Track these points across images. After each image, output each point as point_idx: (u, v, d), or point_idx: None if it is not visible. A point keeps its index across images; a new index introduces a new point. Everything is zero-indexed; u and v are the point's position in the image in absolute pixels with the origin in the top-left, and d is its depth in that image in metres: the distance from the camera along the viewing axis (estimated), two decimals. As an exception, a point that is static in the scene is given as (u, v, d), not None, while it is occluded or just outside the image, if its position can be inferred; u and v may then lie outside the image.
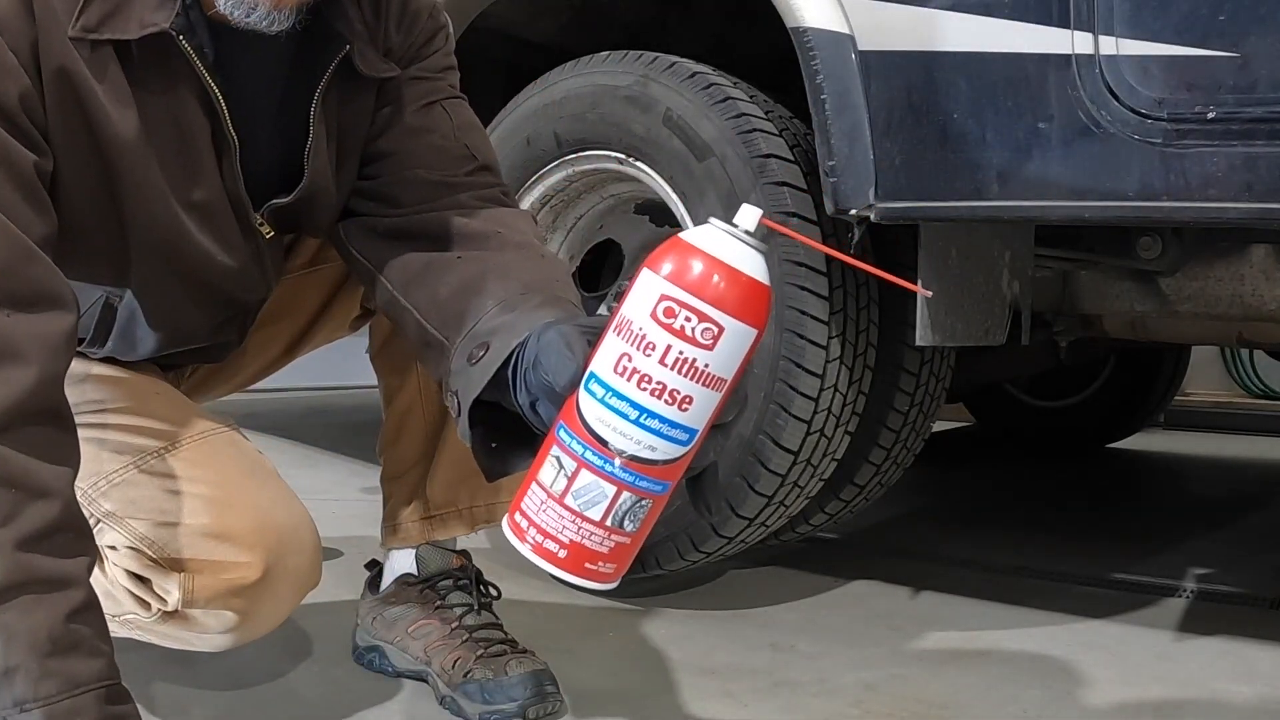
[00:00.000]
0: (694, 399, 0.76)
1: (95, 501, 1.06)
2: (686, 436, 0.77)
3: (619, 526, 0.79)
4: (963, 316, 1.55)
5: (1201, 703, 1.33)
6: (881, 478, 1.83)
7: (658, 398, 0.75)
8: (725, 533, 1.60)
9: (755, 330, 0.76)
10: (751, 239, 0.76)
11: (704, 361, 0.75)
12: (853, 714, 1.28)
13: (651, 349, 0.75)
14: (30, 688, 0.84)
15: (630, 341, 0.76)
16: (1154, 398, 3.43)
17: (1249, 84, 1.16)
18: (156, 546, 1.04)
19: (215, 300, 1.17)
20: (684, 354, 0.75)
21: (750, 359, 0.78)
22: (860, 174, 1.40)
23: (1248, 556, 2.13)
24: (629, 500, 0.79)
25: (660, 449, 0.77)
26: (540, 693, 1.24)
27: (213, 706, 1.29)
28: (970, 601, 1.77)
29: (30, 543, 0.85)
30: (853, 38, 1.41)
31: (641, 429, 0.76)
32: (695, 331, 0.75)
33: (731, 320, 0.75)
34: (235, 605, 1.07)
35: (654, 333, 0.75)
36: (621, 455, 0.77)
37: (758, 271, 0.76)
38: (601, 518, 0.79)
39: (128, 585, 1.07)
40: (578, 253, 1.96)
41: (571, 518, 0.79)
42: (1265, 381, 4.64)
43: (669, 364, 0.75)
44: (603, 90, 1.70)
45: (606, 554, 0.80)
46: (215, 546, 1.05)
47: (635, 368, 0.76)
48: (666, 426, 0.76)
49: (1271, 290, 1.64)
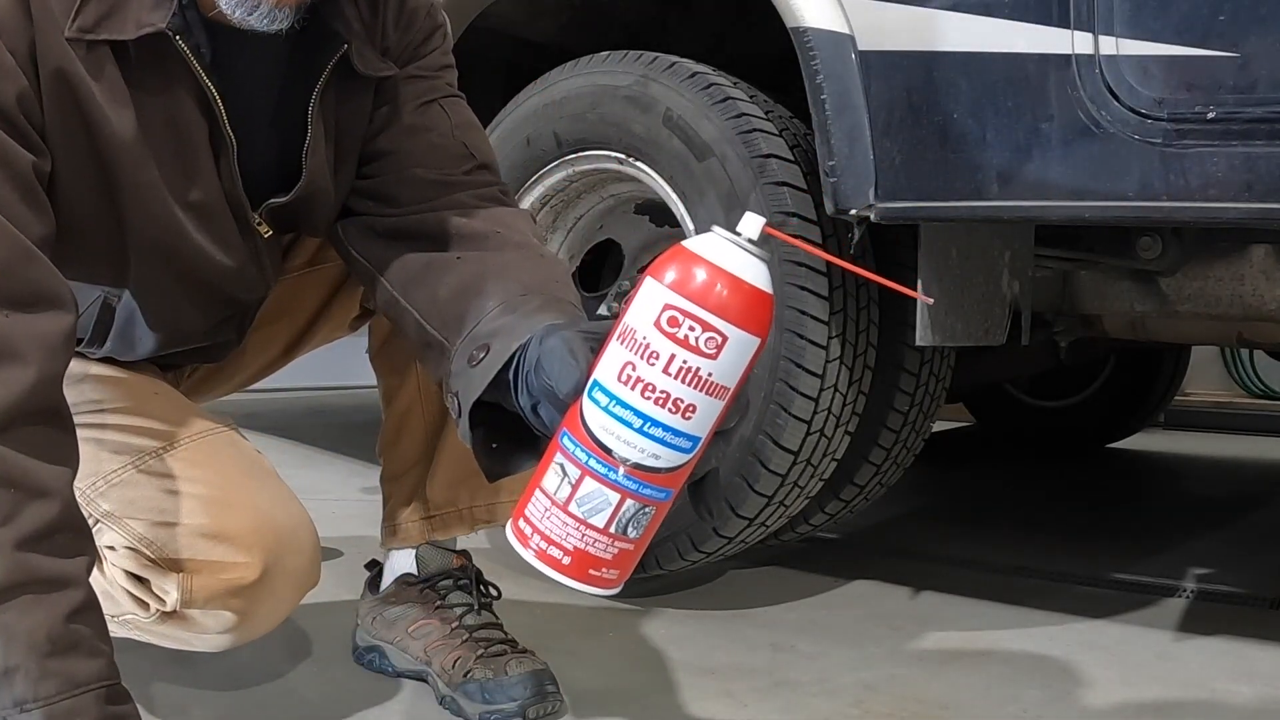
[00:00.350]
0: (698, 407, 0.76)
1: (94, 501, 1.05)
2: (690, 444, 0.78)
3: (623, 533, 0.80)
4: (963, 316, 1.55)
5: (1201, 703, 1.33)
6: (881, 478, 1.83)
7: (662, 406, 0.76)
8: (725, 533, 1.60)
9: (759, 339, 0.77)
10: (754, 247, 0.76)
11: (708, 370, 0.75)
12: (853, 714, 1.28)
13: (655, 358, 0.76)
14: (30, 688, 0.84)
15: (634, 350, 0.77)
16: (1154, 398, 3.43)
17: (1249, 84, 1.16)
18: (155, 546, 1.04)
19: (214, 300, 1.17)
20: (688, 363, 0.75)
21: (753, 367, 0.78)
22: (860, 174, 1.40)
23: (1248, 556, 2.13)
24: (633, 508, 0.79)
25: (664, 457, 0.78)
26: (540, 692, 1.24)
27: (213, 706, 1.29)
28: (970, 601, 1.77)
29: (30, 543, 0.85)
30: (853, 38, 1.41)
31: (646, 437, 0.77)
32: (699, 341, 0.75)
33: (735, 329, 0.75)
34: (234, 605, 1.06)
35: (658, 342, 0.76)
36: (626, 463, 0.77)
37: (761, 280, 0.76)
38: (605, 525, 0.79)
39: (126, 585, 1.06)
40: (578, 253, 1.96)
41: (575, 525, 0.79)
42: (1265, 381, 4.64)
43: (673, 373, 0.75)
44: (603, 90, 1.70)
45: (610, 560, 0.81)
46: (213, 547, 1.04)
47: (639, 376, 0.76)
48: (670, 435, 0.77)
49: (1271, 290, 1.64)
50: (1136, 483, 3.16)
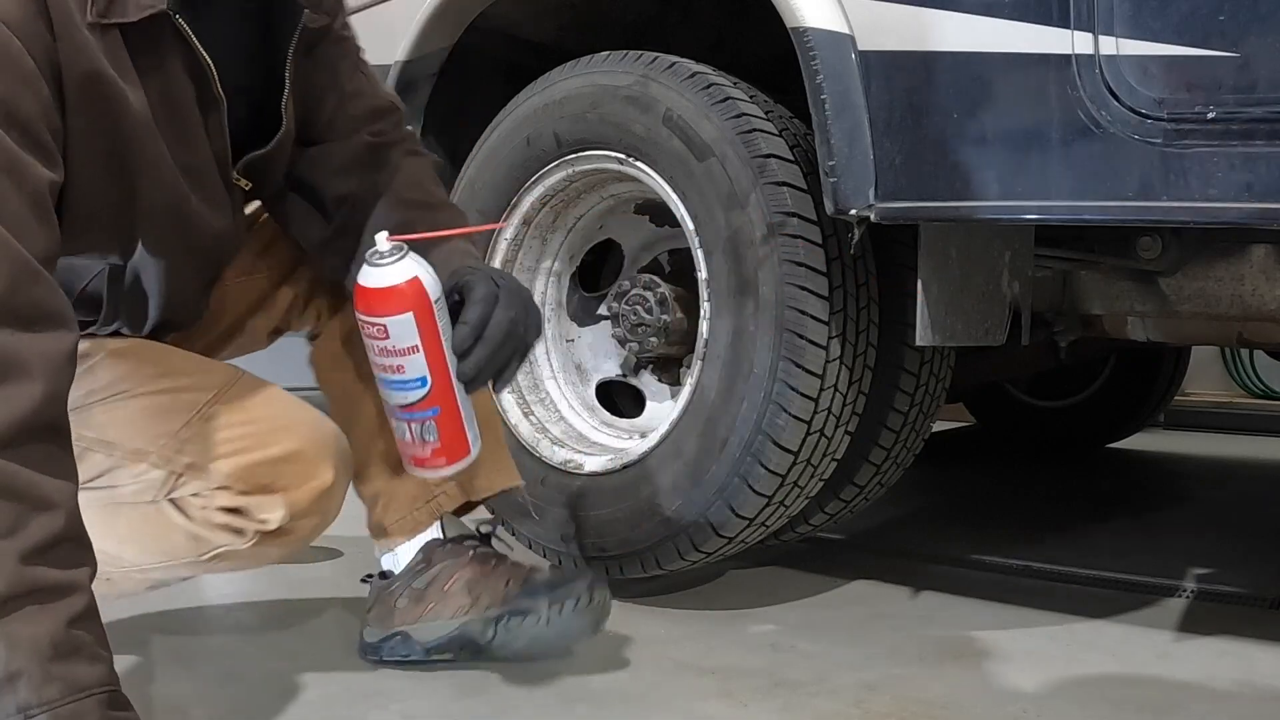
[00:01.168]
0: (404, 366, 1.16)
1: (173, 460, 1.17)
2: (419, 382, 1.17)
3: (424, 440, 1.21)
4: (963, 316, 1.55)
5: (1201, 703, 1.33)
6: (881, 478, 1.83)
7: (387, 373, 1.18)
8: (725, 533, 1.60)
9: (407, 312, 1.14)
10: (381, 259, 1.14)
11: (390, 345, 1.16)
12: (853, 714, 1.28)
13: (372, 350, 1.18)
14: (34, 692, 0.85)
15: (368, 349, 1.19)
16: (1154, 398, 3.43)
17: (1249, 84, 1.16)
18: (245, 481, 1.18)
19: (206, 263, 1.28)
20: (379, 345, 1.17)
21: (429, 321, 1.15)
22: (860, 174, 1.40)
23: (1248, 556, 2.13)
24: (418, 427, 1.20)
25: (411, 396, 1.18)
26: (601, 579, 1.37)
27: (213, 706, 1.29)
28: (970, 601, 1.77)
29: (35, 554, 0.87)
30: (853, 38, 1.41)
31: (393, 390, 1.19)
32: (373, 331, 1.16)
33: (382, 318, 1.15)
34: (320, 506, 1.23)
35: (367, 341, 1.18)
36: (398, 407, 1.20)
37: (380, 281, 1.14)
38: (412, 440, 1.21)
39: (223, 521, 1.19)
40: (578, 253, 1.96)
41: (406, 446, 1.23)
42: (1265, 381, 4.64)
43: (377, 351, 1.18)
44: (603, 90, 1.70)
45: (432, 455, 1.22)
46: (292, 466, 1.20)
47: (373, 360, 1.19)
48: (401, 384, 1.18)
49: (1271, 290, 1.64)
50: (1136, 483, 3.16)
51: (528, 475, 1.80)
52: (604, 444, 1.84)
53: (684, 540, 1.62)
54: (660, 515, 1.62)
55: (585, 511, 1.72)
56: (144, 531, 1.20)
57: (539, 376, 1.92)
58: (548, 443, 1.83)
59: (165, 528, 1.19)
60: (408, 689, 1.34)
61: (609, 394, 1.99)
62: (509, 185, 1.85)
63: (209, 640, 1.52)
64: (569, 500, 1.74)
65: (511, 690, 1.34)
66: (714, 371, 1.59)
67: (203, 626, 1.60)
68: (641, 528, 1.65)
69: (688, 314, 1.79)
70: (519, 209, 1.86)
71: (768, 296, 1.53)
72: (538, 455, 1.81)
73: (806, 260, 1.52)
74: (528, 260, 1.92)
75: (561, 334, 1.96)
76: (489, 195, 1.87)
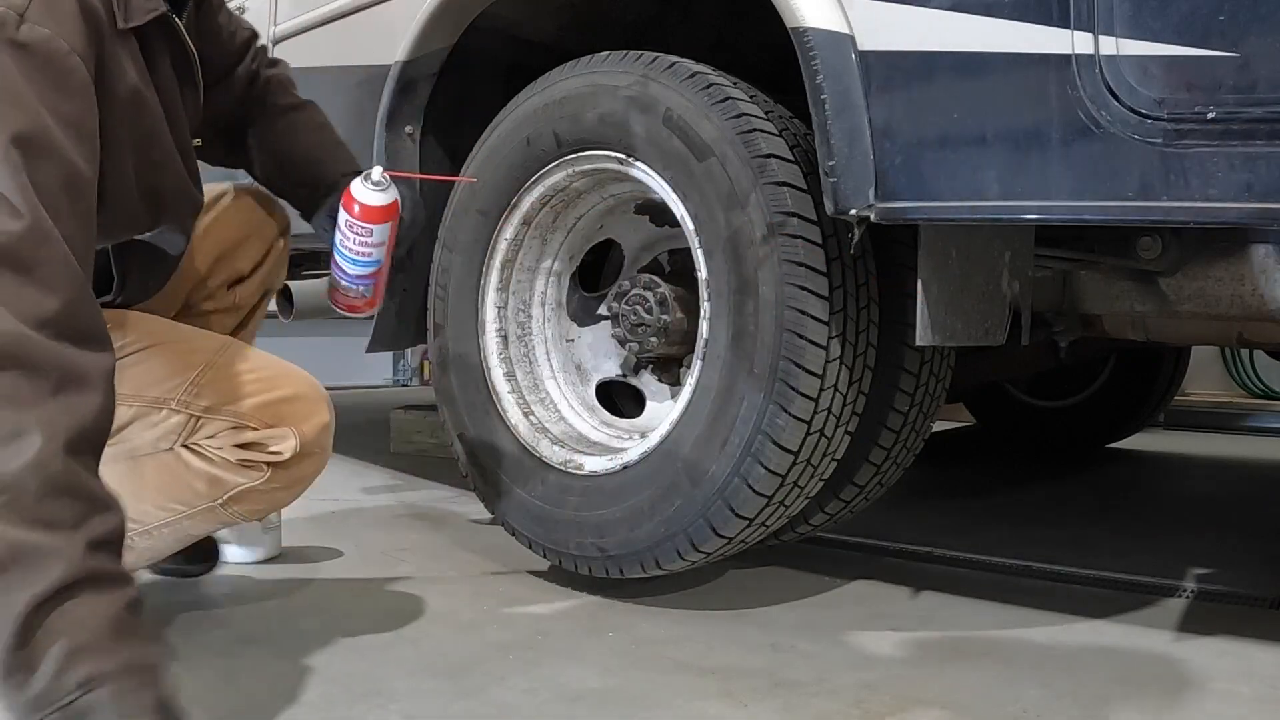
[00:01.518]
0: (372, 252, 1.52)
1: (190, 403, 1.34)
2: (376, 262, 1.54)
3: (364, 296, 1.59)
4: (963, 316, 1.55)
5: (1201, 703, 1.33)
6: (881, 478, 1.83)
7: (359, 255, 1.53)
8: (725, 533, 1.60)
9: (388, 222, 1.51)
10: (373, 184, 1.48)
11: (371, 240, 1.51)
12: (853, 714, 1.28)
13: (353, 240, 1.52)
14: (96, 665, 0.91)
15: (342, 237, 1.53)
16: (1154, 398, 3.43)
17: (1249, 84, 1.16)
18: (258, 418, 1.35)
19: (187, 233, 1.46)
20: (362, 240, 1.52)
21: (395, 228, 1.53)
22: (860, 174, 1.40)
23: (1248, 556, 2.13)
24: (363, 287, 1.57)
25: (368, 270, 1.55)
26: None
27: (213, 706, 1.29)
28: (970, 601, 1.77)
29: (96, 546, 0.95)
30: (853, 38, 1.41)
31: (359, 265, 1.54)
32: (361, 231, 1.50)
33: (372, 224, 1.50)
34: (323, 442, 1.40)
35: (352, 235, 1.51)
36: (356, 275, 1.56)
37: (376, 201, 1.48)
38: (357, 296, 1.58)
39: (240, 457, 1.34)
40: (578, 253, 1.96)
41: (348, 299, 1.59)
42: (1265, 381, 4.65)
43: (357, 243, 1.52)
44: (603, 90, 1.70)
45: (365, 305, 1.61)
46: (297, 404, 1.37)
47: (350, 246, 1.52)
48: (366, 262, 1.54)
49: (1271, 290, 1.64)
50: (1136, 483, 3.17)
51: (528, 475, 1.81)
52: (604, 444, 1.84)
53: (684, 540, 1.62)
54: (660, 515, 1.62)
55: (585, 511, 1.72)
56: (164, 480, 1.35)
57: (539, 376, 1.93)
58: (548, 442, 1.83)
59: (184, 473, 1.35)
60: (408, 689, 1.34)
61: (609, 394, 1.99)
62: (509, 185, 1.85)
63: (209, 640, 1.52)
64: (569, 500, 1.74)
65: (511, 690, 1.34)
66: (714, 371, 1.59)
67: (203, 626, 1.60)
68: (641, 528, 1.65)
69: (688, 314, 1.79)
70: (519, 209, 1.86)
71: (768, 296, 1.53)
72: (538, 455, 1.81)
73: (806, 260, 1.52)
74: (528, 260, 1.92)
75: (561, 334, 1.97)
76: (489, 195, 1.87)
